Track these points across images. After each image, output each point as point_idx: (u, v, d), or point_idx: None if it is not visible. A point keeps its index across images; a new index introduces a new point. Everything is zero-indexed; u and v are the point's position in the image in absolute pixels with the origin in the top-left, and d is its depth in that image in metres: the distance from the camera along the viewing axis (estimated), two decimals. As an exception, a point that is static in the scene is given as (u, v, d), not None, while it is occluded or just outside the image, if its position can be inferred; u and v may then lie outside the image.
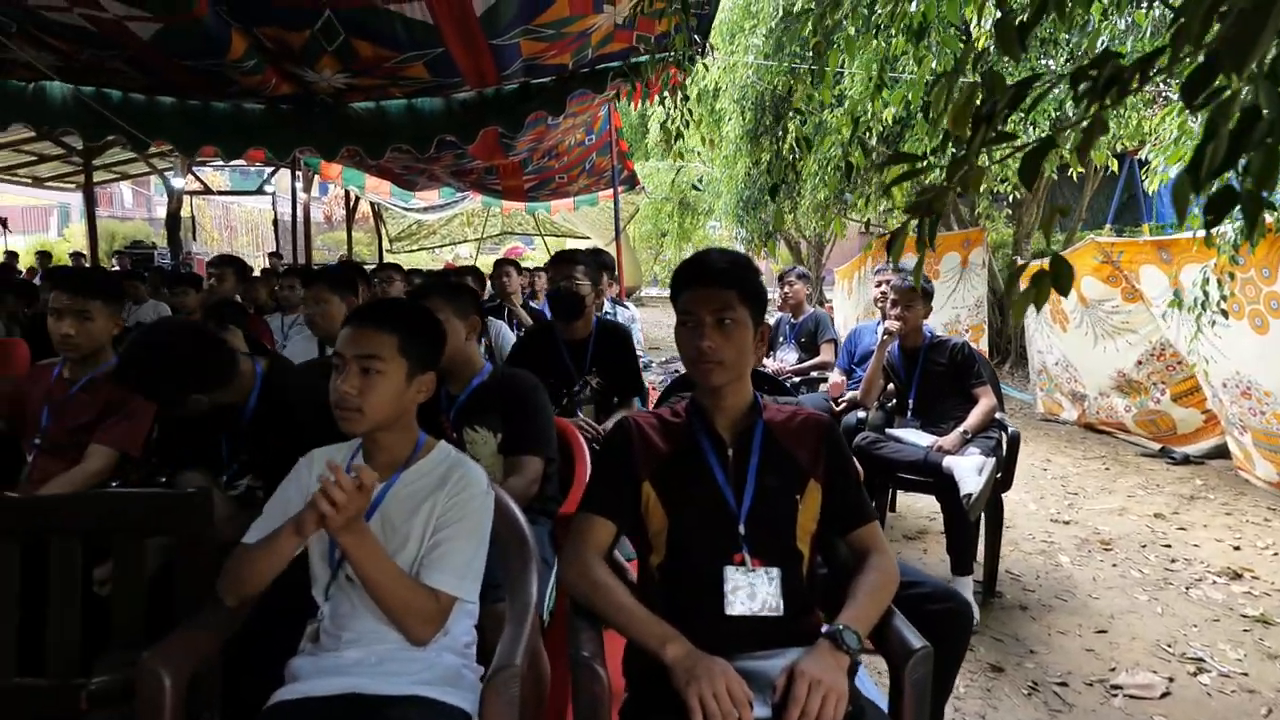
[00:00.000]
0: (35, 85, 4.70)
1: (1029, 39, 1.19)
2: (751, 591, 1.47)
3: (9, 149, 10.70)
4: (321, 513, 1.26)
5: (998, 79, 1.08)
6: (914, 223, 1.08)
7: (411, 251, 14.52)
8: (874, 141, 6.61)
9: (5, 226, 13.08)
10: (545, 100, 4.77)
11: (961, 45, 2.86)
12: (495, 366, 2.23)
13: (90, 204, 9.48)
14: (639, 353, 3.74)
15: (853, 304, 9.67)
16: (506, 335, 4.32)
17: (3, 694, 1.64)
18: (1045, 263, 0.96)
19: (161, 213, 21.31)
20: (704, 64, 4.75)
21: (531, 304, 5.61)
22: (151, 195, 25.18)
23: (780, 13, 7.11)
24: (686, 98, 4.11)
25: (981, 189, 5.45)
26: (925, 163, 1.11)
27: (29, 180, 12.53)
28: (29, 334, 4.19)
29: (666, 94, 4.03)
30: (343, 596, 1.47)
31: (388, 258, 13.94)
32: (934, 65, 2.74)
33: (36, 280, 8.36)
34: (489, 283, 5.24)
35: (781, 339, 4.85)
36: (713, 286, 1.50)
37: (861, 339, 4.06)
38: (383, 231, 13.39)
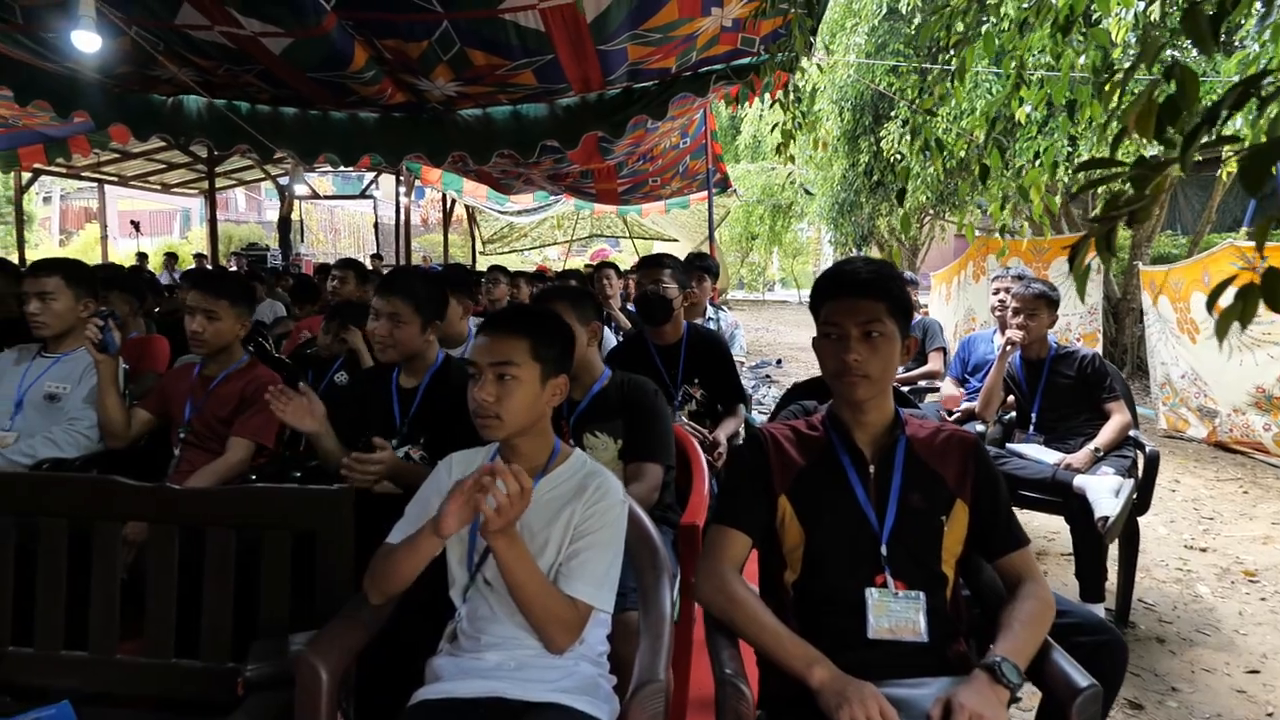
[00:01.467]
0: (174, 99, 5.04)
1: (1221, 29, 1.09)
2: (894, 615, 1.41)
3: (142, 158, 11.56)
4: (481, 514, 1.26)
5: (1189, 75, 0.99)
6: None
7: (503, 254, 14.88)
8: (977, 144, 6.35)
9: (138, 229, 14.12)
10: (648, 104, 4.78)
11: (1109, 41, 2.68)
12: (614, 372, 2.23)
13: (212, 209, 10.11)
14: (738, 359, 3.67)
15: (951, 310, 9.31)
16: (608, 339, 4.33)
17: (162, 671, 1.74)
18: (1253, 275, 0.87)
19: (271, 216, 22.60)
20: (816, 65, 4.65)
21: (629, 307, 5.63)
22: (262, 200, 26.73)
23: (884, 10, 6.90)
24: (800, 99, 4.03)
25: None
26: (1121, 168, 1.02)
27: (158, 186, 13.51)
28: (165, 331, 4.48)
29: (780, 96, 3.95)
30: (481, 599, 1.49)
31: (480, 259, 14.33)
32: (1080, 61, 2.58)
33: (165, 279, 8.98)
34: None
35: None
36: (859, 297, 1.44)
37: (975, 348, 3.88)
38: (476, 234, 13.76)
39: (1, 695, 1.74)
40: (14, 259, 13.27)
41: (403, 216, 8.02)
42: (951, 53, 2.79)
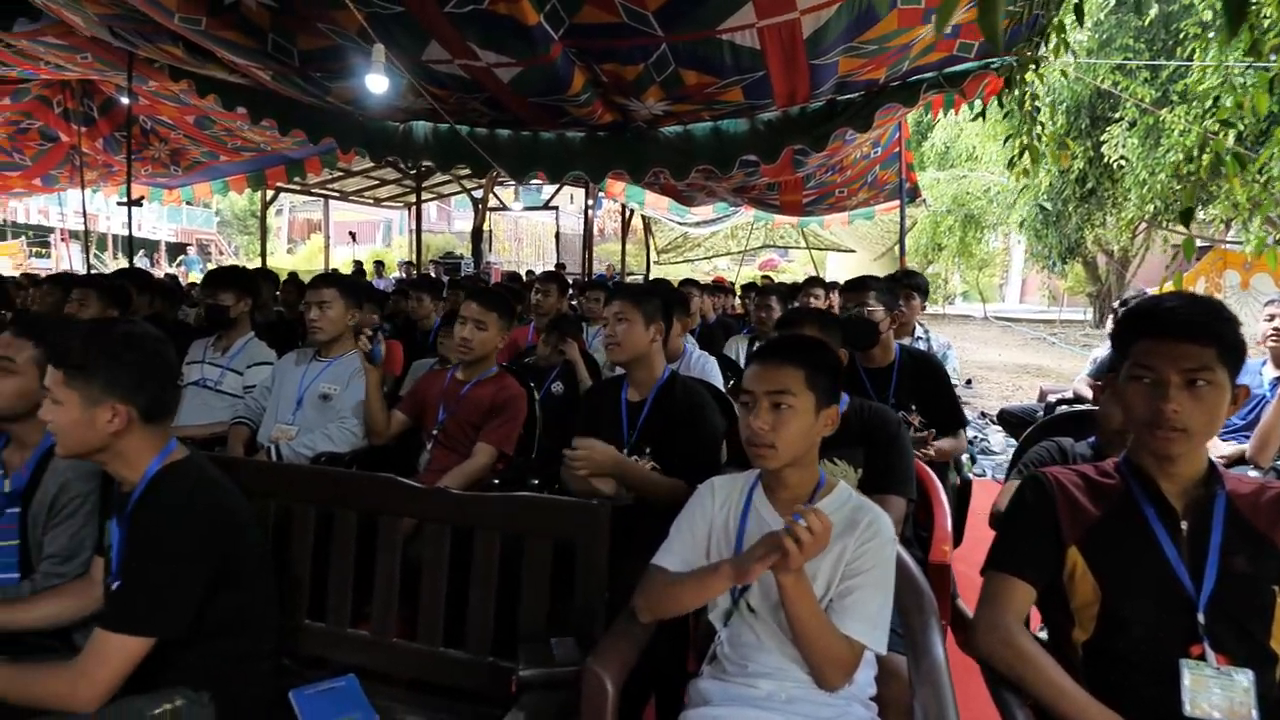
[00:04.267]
0: (405, 126, 5.55)
1: None
2: (1217, 694, 1.26)
3: (360, 175, 12.90)
4: (785, 552, 1.27)
5: None
6: None
7: (675, 263, 15.11)
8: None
9: (354, 239, 15.72)
10: (852, 116, 4.66)
11: None
12: (851, 398, 2.18)
13: (418, 220, 11.05)
14: (954, 382, 3.48)
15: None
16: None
17: (432, 658, 1.90)
18: None
19: (459, 226, 24.40)
20: (1031, 66, 4.33)
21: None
22: (451, 210, 28.89)
23: (1111, 2, 6.31)
24: (1038, 109, 3.77)
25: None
26: None
27: (371, 200, 14.99)
28: (396, 336, 4.94)
29: (1012, 103, 3.72)
30: (745, 627, 1.50)
31: (654, 269, 14.63)
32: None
33: (381, 285, 9.93)
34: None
35: (1117, 374, 4.26)
36: (1184, 340, 1.31)
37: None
38: (651, 244, 14.06)
39: (297, 665, 1.97)
40: (257, 265, 15.23)
41: (584, 228, 8.38)
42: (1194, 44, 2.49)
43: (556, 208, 13.91)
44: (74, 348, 1.47)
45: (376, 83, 3.56)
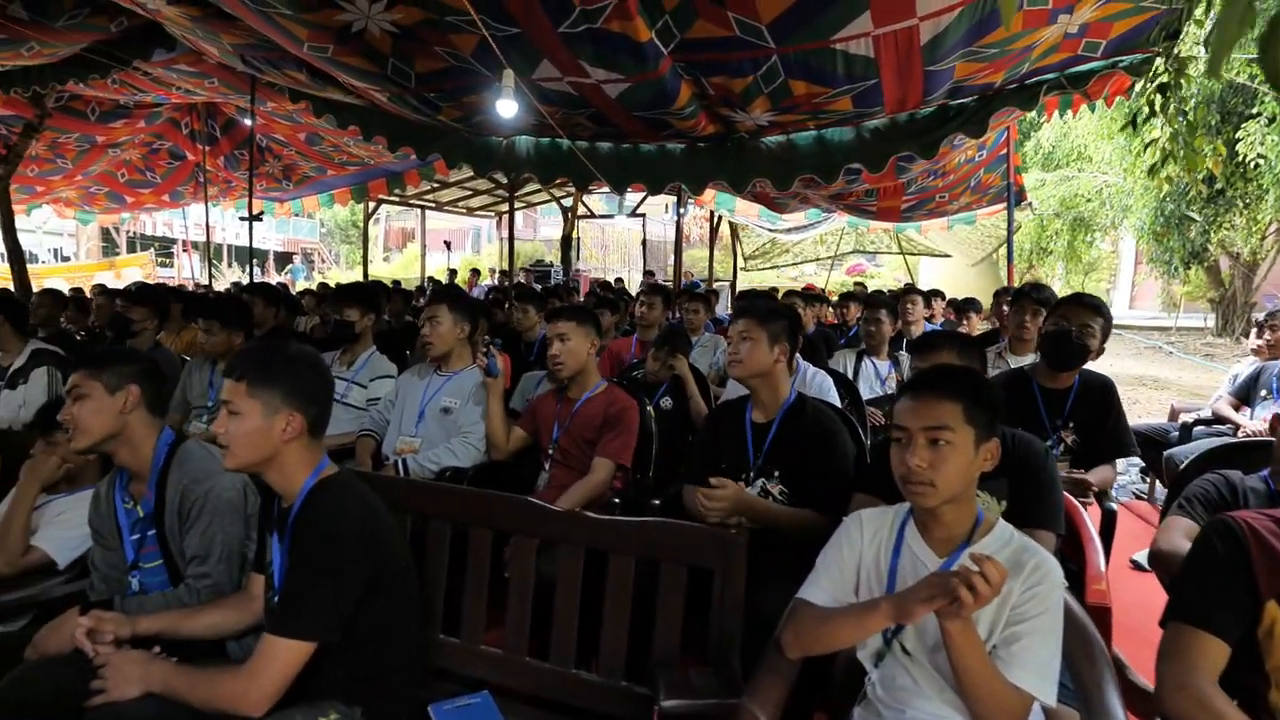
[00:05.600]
0: (508, 141, 5.68)
1: None
2: None
3: (455, 186, 13.32)
4: (955, 597, 1.22)
5: None
6: None
7: (763, 269, 14.95)
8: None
9: (449, 248, 16.24)
10: (965, 121, 4.50)
11: None
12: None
13: (511, 229, 11.30)
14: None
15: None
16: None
17: (564, 679, 1.92)
18: None
19: (545, 233, 24.86)
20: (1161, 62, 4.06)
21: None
22: (538, 218, 29.47)
23: (1248, -10, 5.85)
24: (1185, 112, 3.54)
25: None
26: None
27: (464, 210, 15.48)
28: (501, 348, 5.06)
29: (1155, 105, 3.50)
30: (899, 669, 1.44)
31: (741, 276, 14.51)
32: None
33: (477, 293, 10.20)
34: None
35: (1265, 392, 3.95)
36: None
37: None
38: (738, 250, 13.96)
39: (433, 679, 2.02)
40: (359, 273, 15.94)
41: (680, 235, 8.38)
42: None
43: (644, 215, 13.98)
44: (255, 360, 1.56)
45: (506, 108, 3.66)
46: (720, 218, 12.52)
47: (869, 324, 4.00)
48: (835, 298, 9.94)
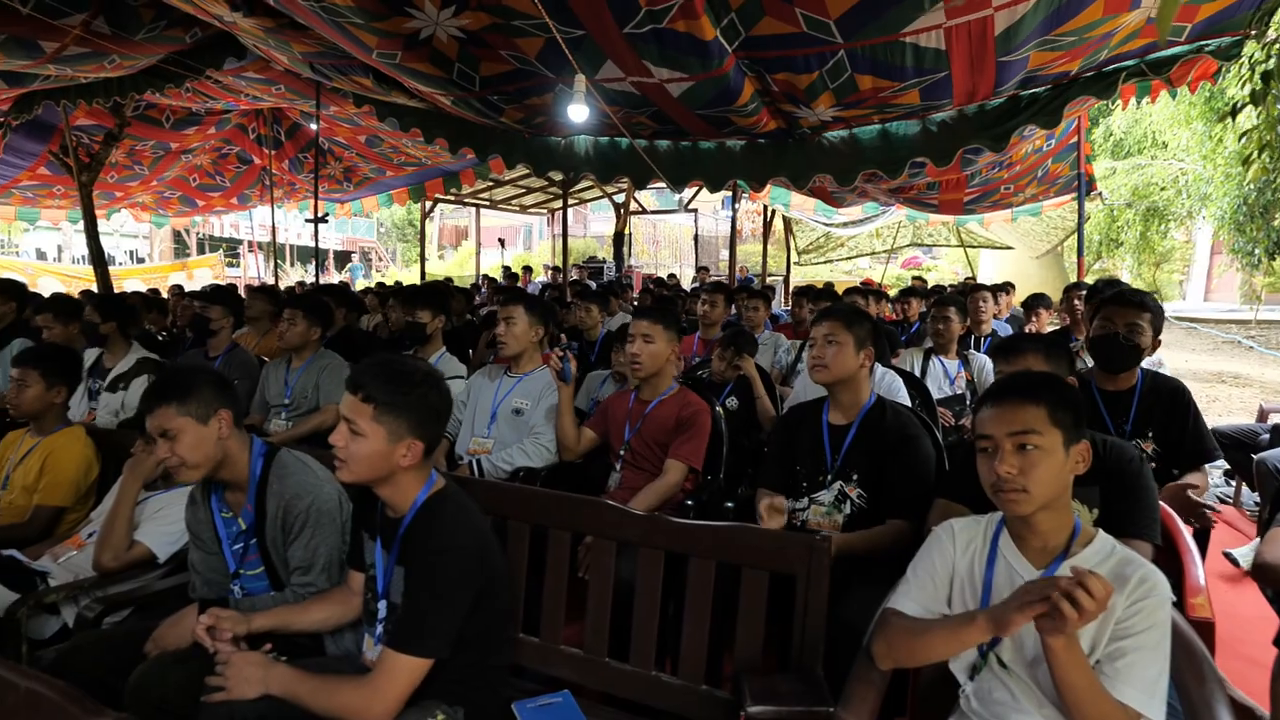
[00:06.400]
0: (567, 140, 5.72)
1: None
2: None
3: (510, 184, 13.47)
4: (1058, 613, 1.19)
5: None
6: None
7: (817, 264, 14.74)
8: None
9: (503, 245, 16.45)
10: (1038, 112, 4.35)
11: None
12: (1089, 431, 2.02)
13: (565, 226, 11.40)
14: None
15: None
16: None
17: (644, 680, 1.93)
18: None
19: (595, 229, 24.96)
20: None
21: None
22: (588, 214, 29.62)
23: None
24: None
25: None
26: None
27: (517, 208, 15.65)
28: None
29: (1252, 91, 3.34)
30: (995, 682, 1.42)
31: (795, 271, 14.35)
32: None
33: (534, 290, 10.31)
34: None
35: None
36: None
37: None
38: (791, 244, 13.79)
39: (515, 678, 2.05)
40: (416, 271, 16.26)
41: (735, 231, 8.34)
42: None
43: (696, 210, 13.94)
44: (385, 385, 1.57)
45: (578, 112, 3.69)
46: (774, 212, 12.39)
47: (937, 322, 3.92)
48: (892, 292, 9.77)
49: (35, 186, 9.33)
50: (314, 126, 7.88)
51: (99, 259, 8.27)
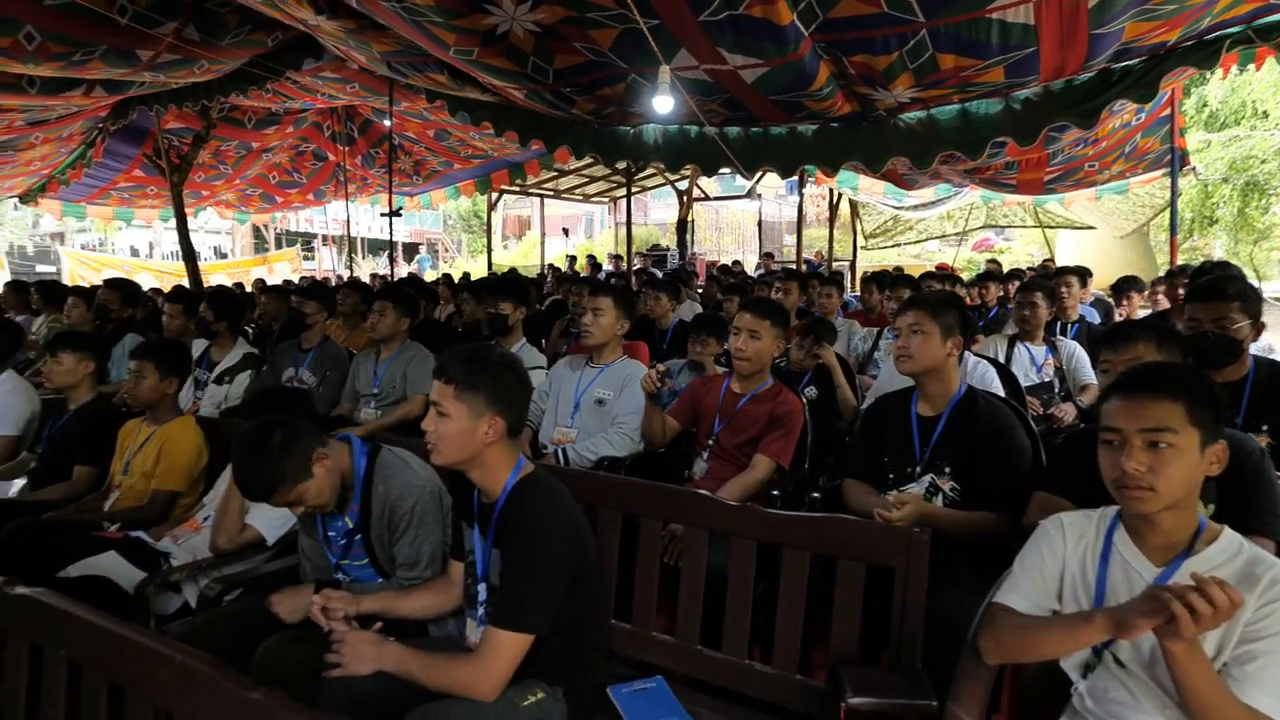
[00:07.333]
0: (635, 130, 5.74)
1: None
2: None
3: (573, 174, 13.59)
4: (1175, 618, 1.15)
5: None
6: None
7: (885, 248, 14.42)
8: None
9: (567, 234, 16.62)
10: (1131, 85, 4.15)
11: None
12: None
13: (628, 214, 11.43)
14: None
15: None
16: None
17: (737, 669, 1.95)
18: None
19: (656, 216, 24.92)
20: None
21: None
22: (648, 201, 29.60)
23: None
24: None
25: None
26: None
27: (580, 197, 15.78)
28: (635, 336, 5.13)
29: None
30: (1112, 680, 1.38)
31: (861, 255, 14.06)
32: None
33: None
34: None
35: None
36: None
37: None
38: (858, 229, 13.52)
39: (609, 663, 2.09)
40: (482, 262, 16.58)
41: (801, 216, 8.22)
42: None
43: (760, 195, 13.78)
44: (463, 365, 1.65)
45: (663, 103, 3.71)
46: (840, 195, 12.16)
47: (1023, 307, 3.79)
48: (964, 275, 9.47)
49: (131, 188, 9.86)
50: (387, 123, 8.09)
51: (189, 255, 8.70)
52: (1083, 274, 4.64)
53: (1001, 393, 2.80)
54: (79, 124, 7.80)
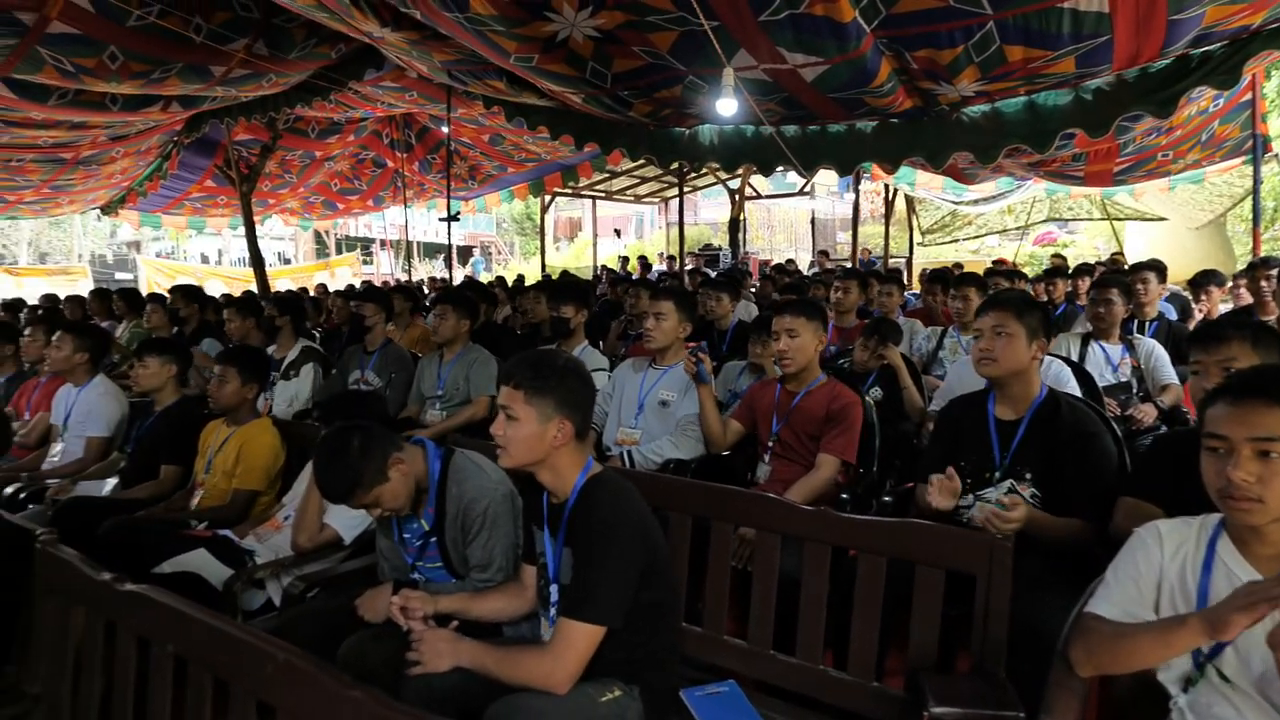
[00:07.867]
0: (691, 131, 5.73)
1: None
2: None
3: (624, 175, 13.63)
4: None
5: None
6: None
7: (942, 244, 14.08)
8: None
9: (619, 235, 16.69)
10: (1211, 71, 3.96)
11: None
12: None
13: (681, 214, 11.42)
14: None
15: None
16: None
17: (811, 674, 1.94)
18: None
19: (706, 215, 24.84)
20: None
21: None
22: (698, 201, 29.50)
23: None
24: None
25: None
26: None
27: (631, 198, 15.82)
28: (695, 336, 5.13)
29: None
30: (1216, 696, 1.33)
31: (918, 251, 13.78)
32: None
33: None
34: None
35: None
36: None
37: None
38: (914, 224, 13.25)
39: (682, 666, 2.10)
40: (536, 264, 16.78)
41: (858, 213, 8.08)
42: None
43: (811, 192, 13.62)
44: (531, 370, 1.69)
45: (726, 106, 3.71)
46: (896, 191, 11.93)
47: (1098, 305, 3.65)
48: (1027, 271, 9.19)
49: (203, 197, 10.29)
50: (445, 129, 8.26)
51: (258, 261, 9.03)
52: (1160, 269, 4.45)
53: (1078, 393, 2.72)
54: (156, 138, 8.16)
